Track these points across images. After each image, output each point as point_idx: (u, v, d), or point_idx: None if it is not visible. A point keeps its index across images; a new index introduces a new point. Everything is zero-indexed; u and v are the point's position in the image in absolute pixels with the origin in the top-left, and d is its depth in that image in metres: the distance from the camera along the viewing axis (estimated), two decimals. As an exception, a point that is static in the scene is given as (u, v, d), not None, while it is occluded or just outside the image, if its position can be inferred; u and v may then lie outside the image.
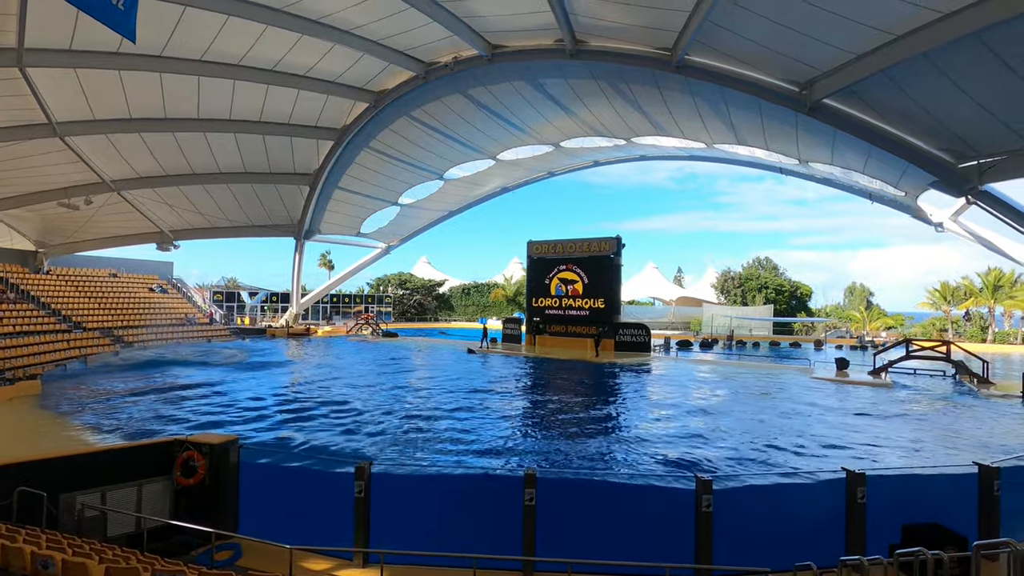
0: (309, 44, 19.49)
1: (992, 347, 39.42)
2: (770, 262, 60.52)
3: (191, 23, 16.92)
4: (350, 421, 13.58)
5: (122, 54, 17.94)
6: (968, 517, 6.96)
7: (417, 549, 6.64)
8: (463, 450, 11.26)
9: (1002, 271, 43.65)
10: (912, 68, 12.30)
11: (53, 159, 22.81)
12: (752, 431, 12.99)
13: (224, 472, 7.67)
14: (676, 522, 6.63)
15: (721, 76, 16.82)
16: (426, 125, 28.71)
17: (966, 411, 16.16)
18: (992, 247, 19.90)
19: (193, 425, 12.82)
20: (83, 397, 16.23)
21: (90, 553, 5.00)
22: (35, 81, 18.07)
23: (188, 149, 26.00)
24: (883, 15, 11.33)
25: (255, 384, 19.17)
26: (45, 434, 12.05)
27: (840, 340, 45.25)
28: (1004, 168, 14.54)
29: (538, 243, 34.51)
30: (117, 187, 26.91)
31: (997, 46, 10.77)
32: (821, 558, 5.54)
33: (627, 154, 36.02)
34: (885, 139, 15.73)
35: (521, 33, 19.48)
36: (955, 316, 46.90)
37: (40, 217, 27.96)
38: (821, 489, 7.69)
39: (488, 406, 15.76)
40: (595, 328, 30.48)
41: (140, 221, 31.70)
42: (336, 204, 36.84)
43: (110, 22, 7.04)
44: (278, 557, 6.32)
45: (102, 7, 6.81)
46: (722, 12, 13.31)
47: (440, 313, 63.63)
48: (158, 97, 21.29)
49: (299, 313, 44.59)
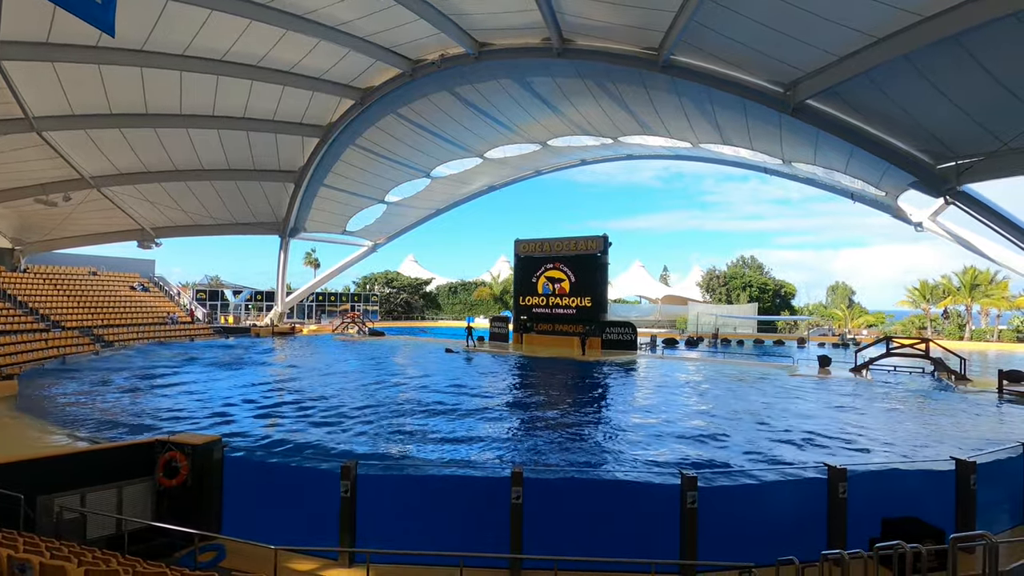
0: (294, 40, 19.28)
1: (969, 344, 40.33)
2: (755, 261, 61.14)
3: (173, 17, 16.64)
4: (335, 420, 13.49)
5: (102, 48, 17.59)
6: (945, 510, 7.11)
7: (403, 548, 6.61)
8: (449, 449, 11.25)
9: (978, 270, 44.66)
10: (893, 70, 12.53)
11: (30, 154, 22.31)
12: (736, 428, 13.14)
13: (207, 472, 7.57)
14: (661, 519, 6.68)
15: (707, 76, 16.97)
16: (413, 123, 28.55)
17: (944, 407, 16.51)
18: (970, 246, 20.29)
19: (175, 424, 12.62)
20: (61, 397, 15.91)
21: (69, 556, 4.91)
22: (11, 74, 17.66)
23: (170, 145, 25.58)
24: (865, 18, 11.50)
25: (237, 383, 18.93)
26: (21, 435, 11.78)
27: (823, 338, 45.98)
28: (981, 169, 14.85)
29: (525, 241, 34.54)
30: (97, 183, 26.41)
31: (974, 49, 11.00)
32: (803, 552, 5.62)
33: (614, 153, 36.17)
34: (866, 140, 15.99)
35: (508, 31, 19.46)
36: (934, 314, 47.89)
37: (17, 214, 27.34)
38: (803, 484, 7.80)
39: (473, 404, 15.74)
40: (582, 327, 30.60)
41: (121, 218, 31.14)
42: (322, 202, 36.50)
43: (88, 16, 6.87)
44: (262, 558, 6.26)
45: (78, 1, 6.63)
46: (707, 13, 13.42)
47: (427, 312, 63.41)
48: (139, 92, 20.90)
49: (284, 312, 44.16)
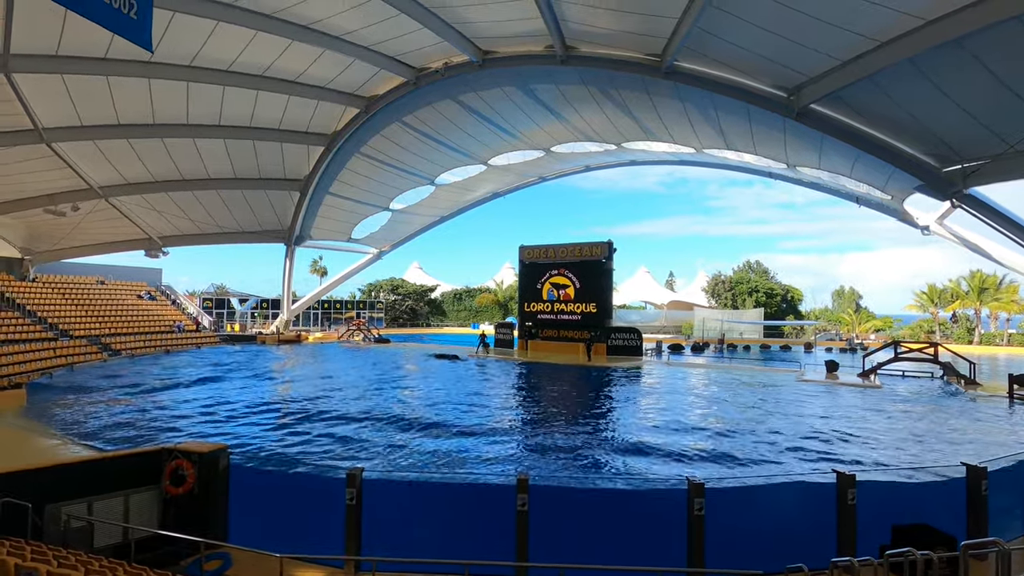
0: (299, 50, 19.47)
1: (978, 348, 39.95)
2: (761, 266, 60.89)
3: (180, 28, 16.82)
4: (339, 427, 13.47)
5: (110, 60, 17.81)
6: (957, 517, 7.03)
7: (408, 556, 6.59)
8: (455, 456, 11.21)
9: (985, 273, 44.29)
10: (897, 74, 12.51)
11: (39, 165, 22.57)
12: (742, 433, 13.04)
13: (213, 481, 7.58)
14: (668, 526, 6.63)
15: (710, 82, 17.00)
16: (417, 131, 28.71)
17: (954, 412, 16.33)
18: (977, 250, 20.17)
19: (182, 433, 12.66)
20: (69, 406, 15.98)
21: (76, 565, 4.92)
22: (21, 87, 17.91)
23: (177, 155, 25.82)
24: (868, 22, 11.50)
25: (244, 391, 18.98)
26: (30, 444, 11.84)
27: (830, 343, 45.64)
28: (987, 172, 14.79)
29: (530, 248, 34.56)
30: (105, 193, 26.67)
31: (979, 52, 10.97)
32: (812, 560, 5.56)
33: (617, 159, 36.21)
34: (871, 144, 15.95)
35: (512, 39, 19.57)
36: (942, 318, 47.46)
37: (26, 224, 27.62)
38: (811, 491, 7.73)
39: (479, 411, 15.71)
40: (587, 332, 30.53)
41: (128, 228, 31.39)
42: (327, 210, 36.68)
43: (125, 32, 7.11)
44: (268, 566, 6.25)
45: (114, 18, 6.85)
46: (710, 19, 13.46)
47: (432, 318, 63.45)
48: (146, 102, 21.13)
49: (290, 319, 44.30)
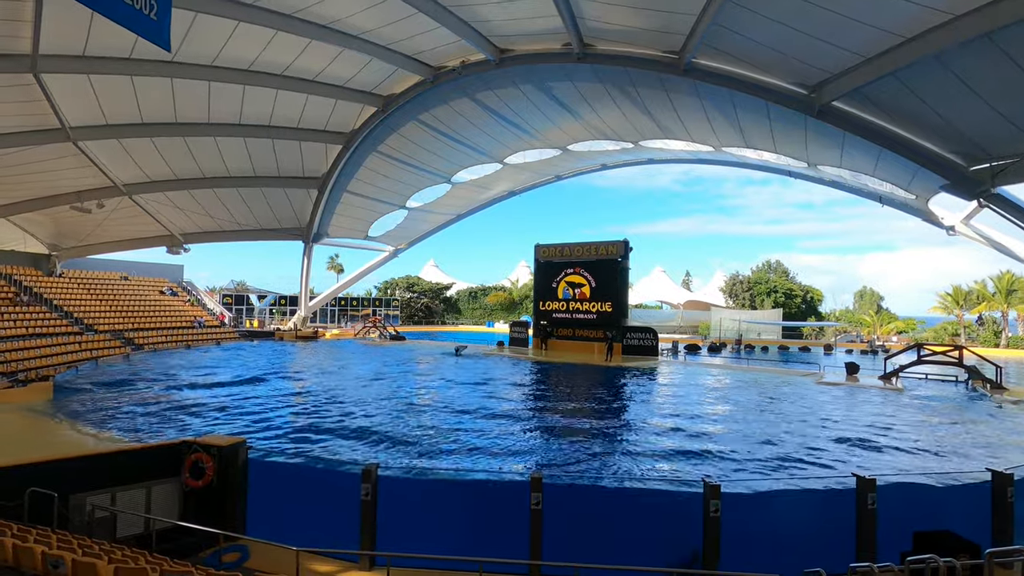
0: (318, 49, 19.64)
1: (1006, 352, 38.93)
2: (780, 266, 60.00)
3: (202, 28, 17.09)
4: (357, 424, 13.61)
5: (134, 59, 18.15)
6: (981, 524, 6.86)
7: (422, 552, 6.63)
8: (470, 454, 11.25)
9: (1014, 275, 43.03)
10: (922, 70, 12.21)
11: (66, 163, 23.11)
12: (761, 436, 12.88)
13: (232, 474, 7.71)
14: (684, 527, 6.58)
15: (729, 79, 16.76)
16: (434, 129, 28.81)
17: (979, 417, 15.94)
18: (1005, 250, 19.65)
19: (202, 427, 12.89)
20: (94, 399, 16.37)
21: (100, 553, 5.04)
22: (49, 87, 18.33)
23: (198, 153, 26.25)
24: (893, 17, 11.24)
25: (263, 388, 19.26)
26: (56, 435, 12.16)
27: (850, 344, 44.86)
28: (1017, 171, 14.37)
29: (545, 246, 34.51)
30: (129, 191, 27.21)
31: (1009, 47, 10.66)
32: (831, 564, 5.47)
33: (634, 157, 35.92)
34: (895, 142, 15.60)
35: (528, 37, 19.52)
36: (967, 320, 46.28)
37: (53, 220, 28.32)
38: (831, 495, 7.61)
39: (494, 409, 15.74)
40: (603, 332, 30.37)
41: (151, 224, 32.01)
42: (344, 207, 37.01)
43: (145, 32, 7.34)
44: (285, 559, 6.34)
45: (135, 18, 7.08)
46: (730, 15, 13.28)
47: (447, 316, 63.70)
48: (169, 102, 21.52)
49: (307, 316, 44.79)
